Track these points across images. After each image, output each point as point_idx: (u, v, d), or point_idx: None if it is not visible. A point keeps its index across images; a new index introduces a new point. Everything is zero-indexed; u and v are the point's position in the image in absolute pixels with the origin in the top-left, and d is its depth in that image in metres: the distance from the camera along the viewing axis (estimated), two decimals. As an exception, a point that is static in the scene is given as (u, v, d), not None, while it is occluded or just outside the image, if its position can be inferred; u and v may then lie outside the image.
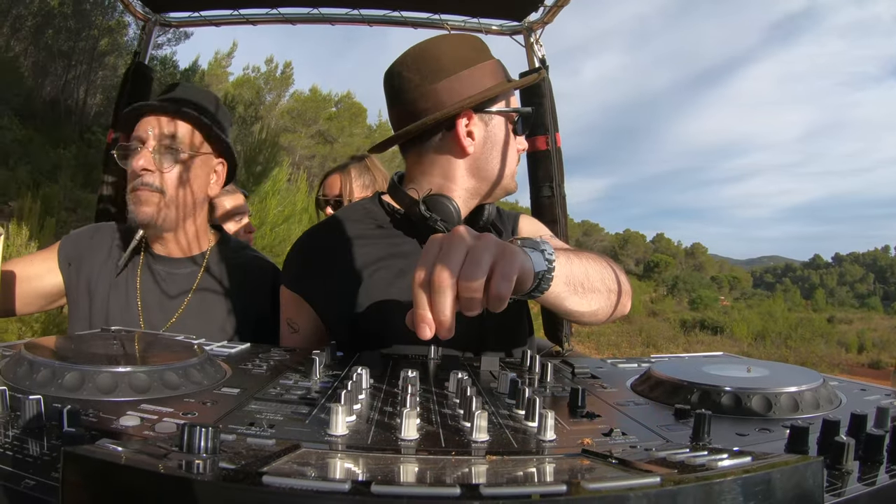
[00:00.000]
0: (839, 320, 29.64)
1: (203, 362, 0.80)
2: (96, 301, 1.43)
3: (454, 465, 0.50)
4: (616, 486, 0.37)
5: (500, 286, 0.70)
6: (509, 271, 0.71)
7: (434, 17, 1.92)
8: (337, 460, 0.50)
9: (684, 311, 25.75)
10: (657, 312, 22.93)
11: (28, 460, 0.48)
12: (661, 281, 32.26)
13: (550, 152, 1.86)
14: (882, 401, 0.79)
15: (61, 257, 1.46)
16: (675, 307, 26.77)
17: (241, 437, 0.54)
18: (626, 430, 0.63)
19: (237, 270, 1.54)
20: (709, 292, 29.66)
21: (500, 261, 0.72)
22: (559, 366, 1.03)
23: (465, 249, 0.71)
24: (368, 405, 0.70)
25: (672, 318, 22.89)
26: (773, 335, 20.97)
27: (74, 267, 1.46)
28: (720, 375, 0.82)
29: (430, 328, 0.69)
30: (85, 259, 1.47)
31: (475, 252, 0.71)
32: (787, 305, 28.36)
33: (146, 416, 0.61)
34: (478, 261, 0.70)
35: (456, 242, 0.72)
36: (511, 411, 0.70)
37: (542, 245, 0.88)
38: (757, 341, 19.33)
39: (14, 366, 0.72)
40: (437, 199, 1.25)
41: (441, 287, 0.68)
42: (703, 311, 25.34)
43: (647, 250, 38.30)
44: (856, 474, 0.51)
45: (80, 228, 1.57)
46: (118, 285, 1.44)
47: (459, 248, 0.71)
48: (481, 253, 0.71)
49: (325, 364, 0.91)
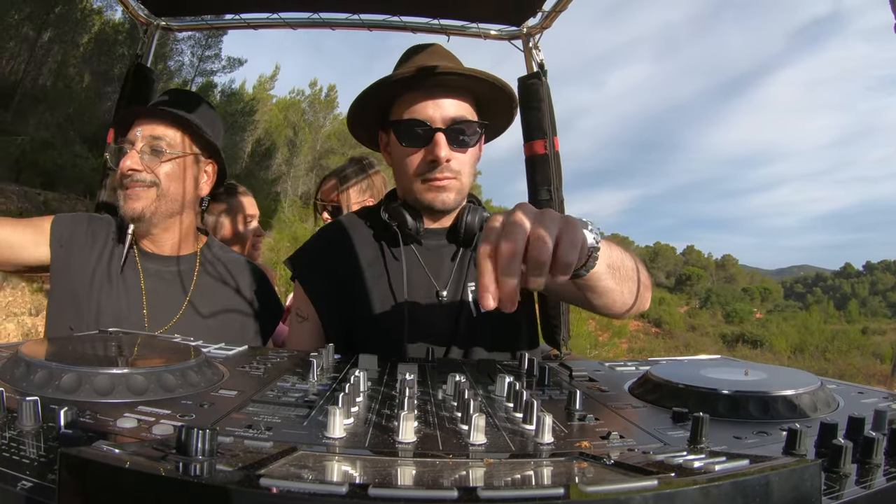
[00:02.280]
0: (873, 331, 29.45)
1: (200, 364, 0.80)
2: (85, 292, 1.42)
3: (452, 468, 0.50)
4: (613, 490, 0.37)
5: (567, 253, 0.71)
6: (575, 239, 0.72)
7: (433, 21, 1.92)
8: (334, 463, 0.50)
9: (721, 325, 25.65)
10: (696, 327, 22.90)
11: (25, 462, 0.47)
12: (692, 293, 32.15)
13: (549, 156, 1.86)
14: (879, 404, 0.79)
15: (53, 235, 1.45)
16: (711, 320, 26.68)
17: (239, 440, 0.54)
18: (623, 434, 0.63)
19: (229, 271, 1.56)
20: (743, 305, 29.55)
21: (565, 229, 0.72)
22: (557, 369, 1.03)
23: (531, 220, 0.71)
24: (366, 408, 0.70)
25: (711, 333, 22.86)
26: (812, 348, 21.03)
27: (66, 249, 1.45)
28: (718, 379, 0.82)
29: (493, 298, 0.68)
30: (77, 245, 1.46)
31: (542, 220, 0.71)
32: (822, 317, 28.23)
33: (143, 418, 0.60)
34: (547, 227, 0.70)
35: (520, 215, 0.72)
36: (509, 414, 0.70)
37: (590, 224, 0.88)
38: (796, 354, 19.42)
39: (11, 367, 0.72)
40: (394, 207, 1.35)
41: (509, 254, 0.68)
42: (739, 324, 25.27)
43: (677, 263, 38.18)
44: (853, 477, 0.51)
45: (74, 213, 1.56)
46: (112, 280, 1.44)
47: (525, 218, 0.71)
48: (549, 222, 0.71)
49: (323, 367, 0.91)
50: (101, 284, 1.43)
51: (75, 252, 1.45)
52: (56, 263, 1.44)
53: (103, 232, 1.51)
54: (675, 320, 21.36)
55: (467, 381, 0.79)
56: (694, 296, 31.97)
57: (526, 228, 0.70)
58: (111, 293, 1.43)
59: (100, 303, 1.41)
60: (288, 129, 18.44)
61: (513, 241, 0.68)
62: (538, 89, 1.84)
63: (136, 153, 1.41)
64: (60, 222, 1.48)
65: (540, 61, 1.90)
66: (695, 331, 21.91)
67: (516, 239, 0.68)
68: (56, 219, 1.49)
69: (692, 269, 34.95)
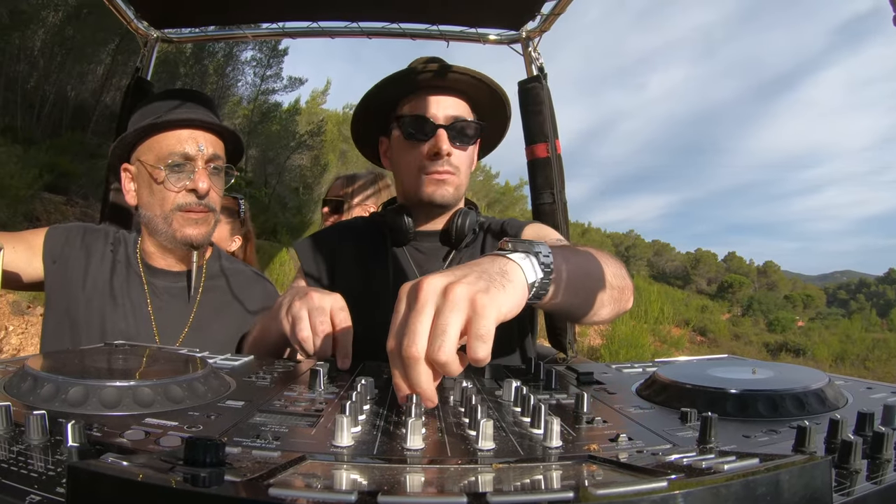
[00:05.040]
0: (916, 339, 29.10)
1: (207, 375, 0.80)
2: (83, 311, 1.36)
3: (461, 474, 0.49)
4: (624, 492, 0.37)
5: (476, 350, 0.64)
6: (485, 331, 0.64)
7: (432, 27, 1.94)
8: (343, 471, 0.50)
9: (764, 334, 25.55)
10: (739, 335, 22.87)
11: (33, 476, 0.47)
12: (734, 301, 31.93)
13: (551, 159, 1.86)
14: (889, 399, 0.78)
15: (46, 250, 1.39)
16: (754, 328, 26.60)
17: (247, 450, 0.54)
18: (632, 435, 0.63)
19: (237, 283, 1.54)
20: (785, 313, 29.38)
21: (473, 319, 0.64)
22: (564, 372, 1.03)
23: (432, 311, 0.64)
24: (373, 415, 0.70)
25: (755, 341, 22.84)
26: (853, 357, 21.05)
27: (59, 266, 1.39)
28: (725, 378, 0.81)
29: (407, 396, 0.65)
30: (71, 261, 1.39)
31: (442, 317, 0.64)
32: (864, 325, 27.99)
33: (151, 430, 0.60)
34: (444, 329, 0.63)
35: (421, 304, 0.65)
36: (516, 418, 0.70)
37: (538, 247, 0.80)
38: (837, 363, 19.46)
39: (18, 381, 0.72)
40: (389, 212, 1.42)
41: (411, 362, 0.64)
42: (782, 332, 25.18)
43: (719, 270, 37.94)
44: (864, 473, 0.51)
45: (69, 224, 1.50)
46: (115, 299, 1.39)
47: (425, 311, 0.65)
48: (448, 317, 0.63)
49: (329, 375, 0.91)
50: (104, 304, 1.38)
51: (70, 268, 1.39)
52: (49, 281, 1.39)
53: (100, 244, 1.45)
54: (719, 328, 21.36)
55: (474, 386, 0.79)
56: (736, 303, 31.74)
57: (426, 328, 0.64)
58: (115, 313, 1.38)
59: (103, 324, 1.36)
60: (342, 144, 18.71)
61: (413, 347, 0.63)
62: (538, 93, 1.85)
63: (206, 172, 1.35)
64: (53, 237, 1.42)
65: (540, 65, 1.91)
66: (738, 339, 21.89)
67: (416, 343, 0.63)
68: (49, 232, 1.43)
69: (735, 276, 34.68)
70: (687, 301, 23.39)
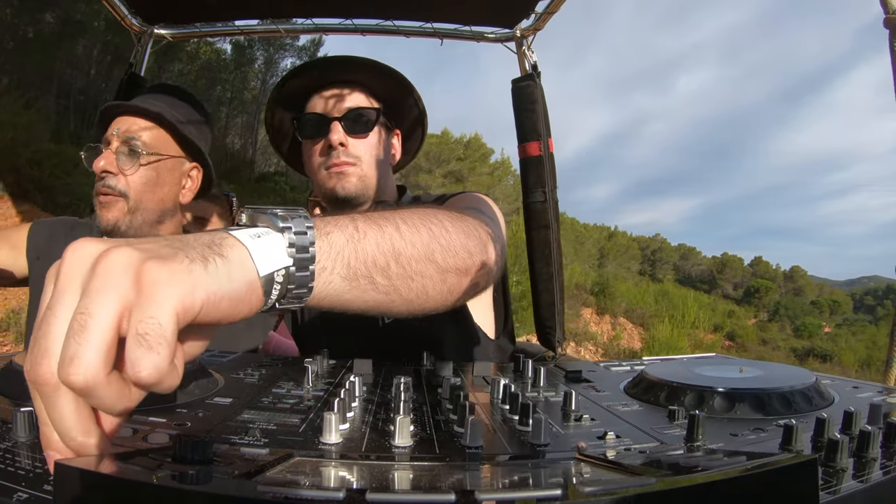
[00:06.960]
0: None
1: (195, 372, 0.79)
2: None
3: (449, 471, 0.50)
4: (611, 489, 0.37)
5: (135, 360, 0.38)
6: (151, 326, 0.39)
7: (426, 25, 1.93)
8: (331, 468, 0.50)
9: (791, 339, 25.67)
10: (767, 341, 23.01)
11: (20, 473, 0.47)
12: (760, 306, 31.96)
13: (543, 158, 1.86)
14: (875, 398, 0.79)
15: (30, 246, 1.36)
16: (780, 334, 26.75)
17: (235, 447, 0.54)
18: (619, 433, 0.63)
19: None
20: (812, 319, 29.49)
21: (135, 304, 0.39)
22: (552, 370, 1.03)
23: (76, 298, 0.40)
24: (362, 412, 0.70)
25: (783, 346, 23.01)
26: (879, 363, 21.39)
27: (43, 262, 1.34)
28: (713, 376, 0.82)
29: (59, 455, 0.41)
30: (56, 256, 1.36)
31: (81, 304, 0.39)
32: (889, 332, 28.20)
33: (138, 427, 0.60)
34: (83, 325, 0.38)
35: (60, 289, 0.41)
36: (505, 416, 0.70)
37: (290, 220, 0.52)
38: (863, 368, 19.77)
39: (5, 377, 0.71)
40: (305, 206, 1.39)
41: (43, 390, 0.39)
42: (808, 338, 25.31)
43: (745, 274, 37.89)
44: (850, 471, 0.51)
45: (55, 218, 1.47)
46: None
47: (64, 299, 0.40)
48: (92, 302, 0.39)
49: (318, 372, 0.90)
50: None
51: None
52: (33, 277, 1.35)
53: None
54: (747, 333, 21.47)
55: (462, 383, 0.79)
56: (762, 308, 31.77)
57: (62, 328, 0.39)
58: None
59: None
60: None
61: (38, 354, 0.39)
62: (532, 91, 1.85)
63: (112, 153, 1.30)
64: (36, 233, 1.39)
65: (533, 63, 1.90)
66: (766, 344, 22.07)
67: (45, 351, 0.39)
68: (32, 228, 1.40)
69: (761, 280, 34.64)
70: (713, 306, 23.48)
